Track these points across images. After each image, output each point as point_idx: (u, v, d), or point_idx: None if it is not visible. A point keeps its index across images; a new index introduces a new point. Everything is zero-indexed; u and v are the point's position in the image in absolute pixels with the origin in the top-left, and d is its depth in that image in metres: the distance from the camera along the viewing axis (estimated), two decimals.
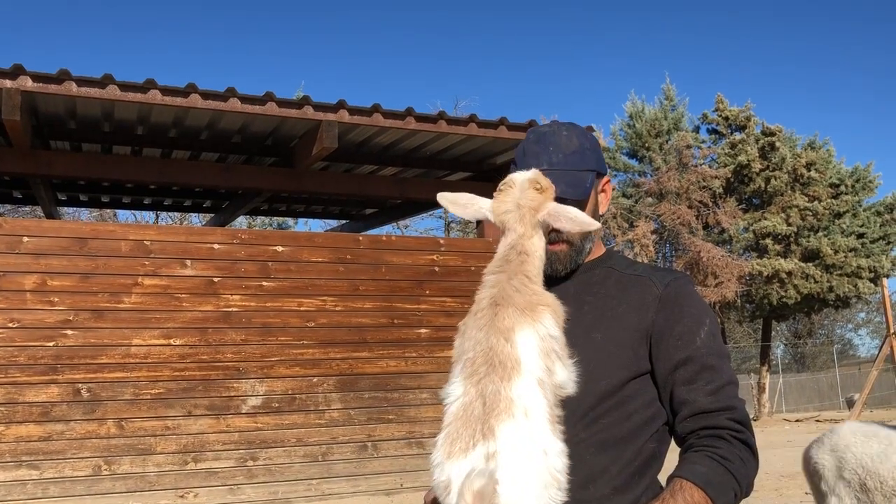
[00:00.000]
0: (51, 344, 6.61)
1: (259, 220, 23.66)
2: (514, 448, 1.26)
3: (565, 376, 1.42)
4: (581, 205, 1.62)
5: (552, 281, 1.71)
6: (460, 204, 1.60)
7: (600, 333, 1.62)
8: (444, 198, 1.62)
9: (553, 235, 1.62)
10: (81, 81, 6.15)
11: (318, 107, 6.89)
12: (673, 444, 1.66)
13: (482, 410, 1.29)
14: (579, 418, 1.58)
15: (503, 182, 1.55)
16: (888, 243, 23.06)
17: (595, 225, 1.51)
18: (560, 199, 1.57)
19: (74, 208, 18.68)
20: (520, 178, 1.53)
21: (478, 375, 1.33)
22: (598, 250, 1.77)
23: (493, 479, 1.22)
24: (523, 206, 1.50)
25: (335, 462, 7.37)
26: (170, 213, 23.47)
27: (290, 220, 23.81)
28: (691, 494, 1.45)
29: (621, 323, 1.62)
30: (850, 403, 20.97)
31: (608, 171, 1.82)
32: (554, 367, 1.40)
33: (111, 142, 7.62)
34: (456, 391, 1.36)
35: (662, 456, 1.66)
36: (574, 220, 1.49)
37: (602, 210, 1.77)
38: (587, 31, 63.82)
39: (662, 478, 1.58)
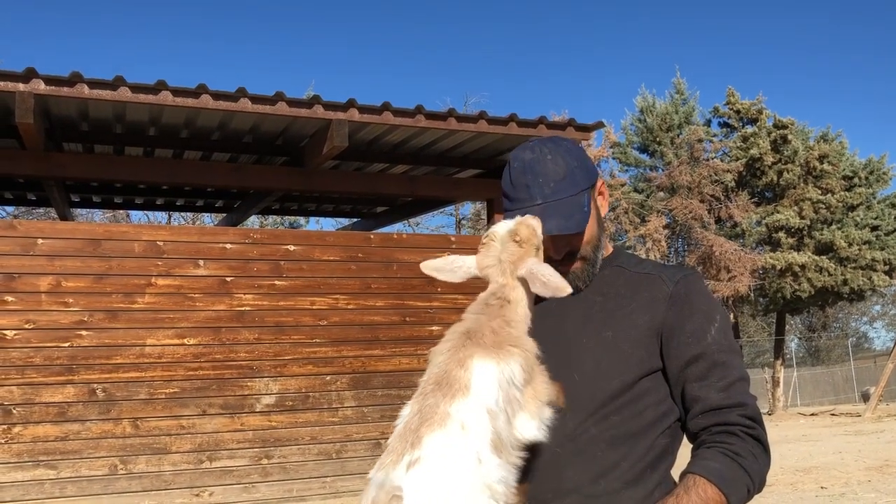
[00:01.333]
0: (66, 345, 6.66)
1: (271, 219, 23.75)
2: (438, 455, 1.22)
3: (528, 426, 1.38)
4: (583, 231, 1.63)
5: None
6: (447, 270, 1.59)
7: (611, 332, 1.63)
8: (427, 267, 1.61)
9: (567, 259, 1.65)
10: (93, 84, 6.19)
11: (328, 106, 6.90)
12: (685, 440, 1.66)
13: (417, 423, 1.26)
14: (590, 415, 1.59)
15: (485, 235, 1.56)
16: None
17: (567, 290, 1.46)
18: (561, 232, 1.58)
19: (87, 209, 18.81)
20: (501, 232, 1.54)
21: (423, 393, 1.32)
22: (606, 250, 1.78)
23: (389, 489, 1.20)
24: (504, 261, 1.51)
25: (349, 459, 7.40)
26: (182, 214, 23.59)
27: (302, 219, 23.89)
28: (704, 490, 1.46)
29: (632, 321, 1.63)
30: (866, 397, 20.84)
31: (599, 172, 1.78)
32: (514, 416, 1.35)
33: (123, 143, 7.66)
34: (404, 412, 1.34)
35: (675, 451, 1.67)
36: (546, 284, 1.46)
37: (603, 212, 1.77)
38: (597, 26, 63.64)
39: (675, 473, 1.59)
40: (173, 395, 6.93)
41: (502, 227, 1.54)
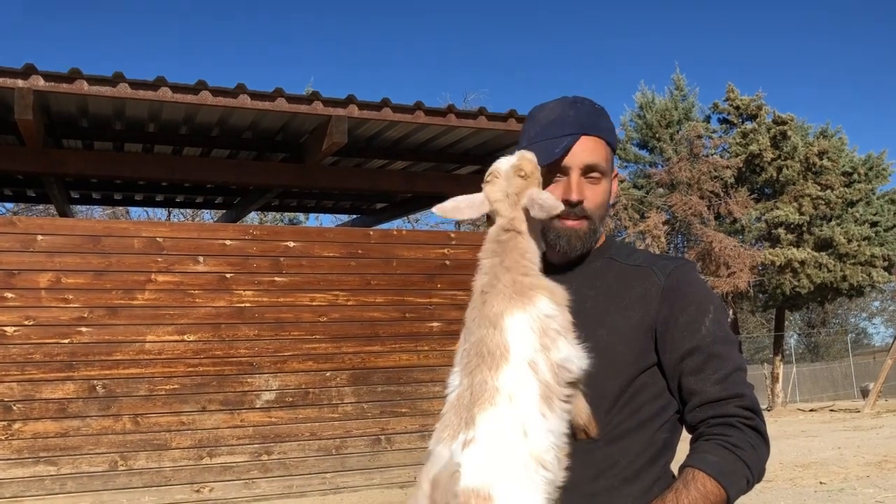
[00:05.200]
0: (66, 341, 6.67)
1: (270, 215, 23.73)
2: (489, 434, 1.32)
3: (569, 352, 1.44)
4: (553, 167, 1.62)
5: (554, 272, 1.71)
6: (461, 208, 1.61)
7: (605, 330, 1.61)
8: (441, 209, 1.63)
9: (579, 210, 1.63)
10: (92, 80, 6.18)
11: (328, 102, 6.90)
12: (684, 432, 1.67)
13: (469, 400, 1.36)
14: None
15: (489, 172, 1.58)
16: None
17: (559, 207, 1.50)
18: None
19: (87, 206, 18.81)
20: (504, 167, 1.56)
21: (470, 367, 1.40)
22: (599, 240, 1.75)
23: (451, 466, 1.29)
24: (511, 193, 1.54)
25: (349, 455, 7.41)
26: (182, 210, 23.57)
27: (302, 216, 23.87)
28: (704, 484, 1.46)
29: (626, 318, 1.62)
30: (865, 393, 20.87)
31: (617, 139, 1.77)
32: (553, 344, 1.41)
33: (123, 140, 7.66)
34: (454, 382, 1.43)
35: (674, 445, 1.67)
36: (542, 206, 1.50)
37: (612, 197, 1.76)
38: (596, 22, 63.56)
39: (675, 466, 1.59)
40: (173, 392, 6.94)
41: (505, 162, 1.57)
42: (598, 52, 66.01)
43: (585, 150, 1.65)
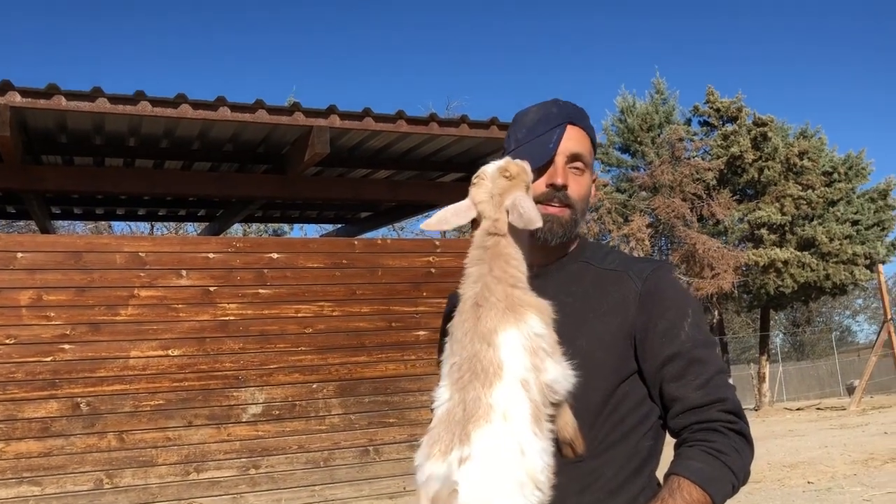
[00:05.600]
0: (48, 359, 6.60)
1: (255, 226, 23.64)
2: (486, 452, 1.30)
3: (557, 373, 1.43)
4: (547, 165, 1.63)
5: (530, 278, 1.70)
6: (447, 218, 1.59)
7: (584, 340, 1.59)
8: (428, 225, 1.63)
9: (561, 195, 1.62)
10: (70, 95, 6.14)
11: (309, 113, 6.88)
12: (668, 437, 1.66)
13: (462, 416, 1.33)
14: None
15: (476, 175, 1.57)
16: (883, 229, 23.10)
17: (538, 223, 1.47)
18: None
19: (69, 221, 18.65)
20: (490, 169, 1.56)
21: (462, 382, 1.37)
22: (573, 242, 1.74)
23: (449, 484, 1.27)
24: (496, 194, 1.52)
25: (338, 467, 7.36)
26: (165, 223, 23.43)
27: (286, 226, 23.79)
28: (689, 493, 1.45)
29: (604, 325, 1.60)
30: (851, 390, 21.01)
31: (597, 141, 1.80)
32: (543, 365, 1.41)
33: (103, 154, 7.61)
34: (443, 395, 1.40)
35: (658, 453, 1.65)
36: (522, 215, 1.47)
37: (591, 199, 1.75)
38: (576, 28, 63.89)
39: (661, 472, 1.58)
40: (158, 407, 6.88)
41: (492, 165, 1.57)
42: (579, 56, 66.33)
43: (571, 139, 1.66)
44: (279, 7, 55.27)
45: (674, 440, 1.60)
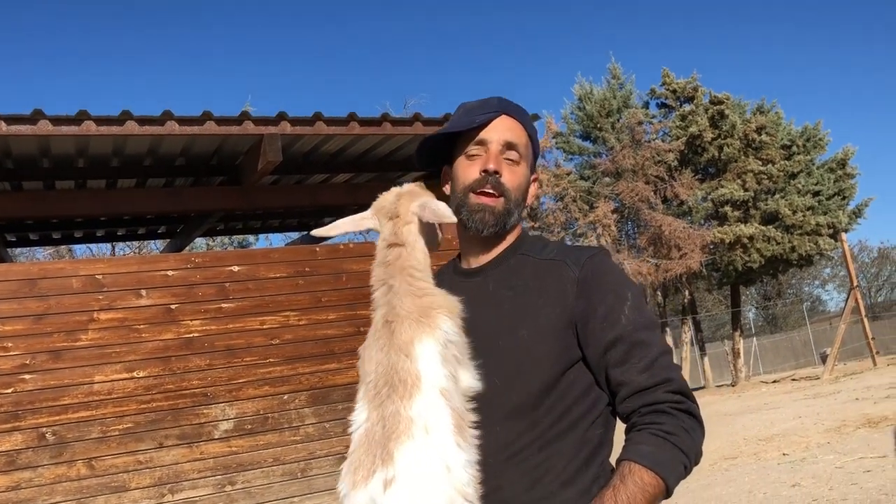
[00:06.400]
0: (9, 391, 6.44)
1: (218, 240, 23.41)
2: (412, 471, 1.25)
3: (469, 379, 1.41)
4: (472, 140, 1.68)
5: (470, 275, 1.69)
6: (341, 225, 1.63)
7: (525, 330, 1.58)
8: (320, 232, 1.67)
9: (493, 181, 1.63)
10: (10, 119, 5.99)
11: (259, 121, 6.80)
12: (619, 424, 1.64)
13: (382, 434, 1.29)
14: (518, 420, 1.55)
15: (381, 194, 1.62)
16: (844, 198, 23.48)
17: (453, 219, 1.52)
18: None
19: (27, 248, 18.31)
20: (395, 188, 1.60)
21: (380, 398, 1.34)
22: (512, 235, 1.73)
23: None
24: (402, 194, 1.55)
25: (315, 477, 7.28)
26: (127, 243, 23.11)
27: (251, 237, 23.59)
28: (641, 477, 1.44)
29: (545, 316, 1.58)
30: (825, 359, 21.33)
31: (538, 142, 1.82)
32: (458, 373, 1.38)
33: (52, 177, 7.45)
34: (360, 417, 1.36)
35: (609, 440, 1.64)
36: (436, 212, 1.51)
37: (530, 198, 1.75)
38: (528, 19, 64.11)
39: (614, 459, 1.56)
40: (128, 431, 6.75)
41: (393, 189, 1.62)
42: (533, 47, 66.60)
43: (505, 127, 1.67)
44: (223, 17, 54.81)
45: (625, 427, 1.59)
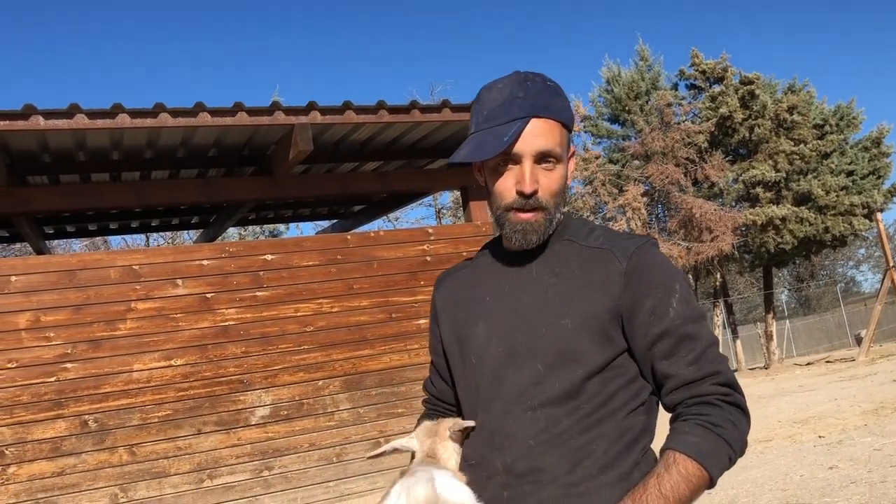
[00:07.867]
0: (52, 379, 6.60)
1: (250, 229, 23.63)
2: None
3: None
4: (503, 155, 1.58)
5: (514, 259, 1.69)
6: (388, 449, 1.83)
7: (570, 319, 1.58)
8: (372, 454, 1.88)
9: (533, 201, 1.58)
10: (48, 114, 6.10)
11: (289, 111, 6.85)
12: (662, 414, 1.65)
13: None
14: (560, 406, 1.57)
15: None
16: (879, 178, 23.03)
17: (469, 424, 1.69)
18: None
19: (65, 240, 18.64)
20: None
21: None
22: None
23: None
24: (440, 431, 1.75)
25: (350, 462, 7.38)
26: (161, 234, 23.42)
27: (282, 226, 23.79)
28: (685, 467, 1.45)
29: (590, 306, 1.58)
30: (860, 340, 21.03)
31: (572, 118, 1.69)
32: None
33: (88, 170, 7.58)
34: None
35: (651, 429, 1.64)
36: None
37: (568, 180, 1.71)
38: (555, 3, 63.54)
39: (657, 447, 1.57)
40: (166, 418, 6.89)
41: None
42: (561, 30, 66.04)
43: (537, 134, 1.57)
44: (249, 11, 55.01)
45: (669, 416, 1.60)
